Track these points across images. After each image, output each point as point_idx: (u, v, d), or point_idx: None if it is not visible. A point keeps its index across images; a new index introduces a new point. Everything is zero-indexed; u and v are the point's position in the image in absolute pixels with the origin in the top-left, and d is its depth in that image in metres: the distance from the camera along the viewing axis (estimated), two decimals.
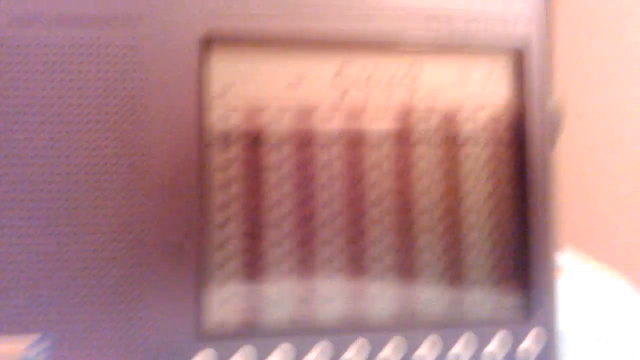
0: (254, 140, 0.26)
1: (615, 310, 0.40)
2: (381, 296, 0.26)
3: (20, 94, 0.24)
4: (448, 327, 0.26)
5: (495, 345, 0.26)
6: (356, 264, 0.26)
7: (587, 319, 0.38)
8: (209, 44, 0.25)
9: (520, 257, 0.27)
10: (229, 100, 0.26)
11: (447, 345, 0.26)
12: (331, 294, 0.26)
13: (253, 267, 0.25)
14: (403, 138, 0.27)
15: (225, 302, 0.25)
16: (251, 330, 0.25)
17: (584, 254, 0.53)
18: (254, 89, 0.26)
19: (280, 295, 0.25)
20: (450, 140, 0.27)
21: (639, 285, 0.46)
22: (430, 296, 0.27)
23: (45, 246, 0.23)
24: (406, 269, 0.26)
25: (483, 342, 0.26)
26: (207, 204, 0.25)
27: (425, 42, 0.27)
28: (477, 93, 0.28)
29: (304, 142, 0.26)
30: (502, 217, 0.28)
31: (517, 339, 0.26)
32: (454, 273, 0.27)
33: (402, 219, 0.27)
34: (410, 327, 0.26)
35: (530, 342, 0.26)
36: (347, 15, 0.27)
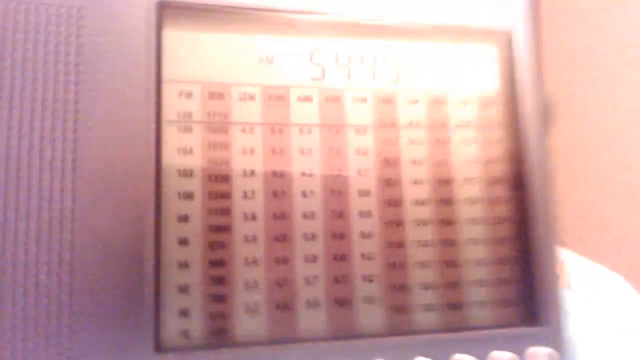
0: (217, 125, 0.23)
1: (621, 311, 0.38)
2: (370, 304, 0.23)
3: None
4: (448, 336, 0.23)
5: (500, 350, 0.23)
6: (340, 270, 0.23)
7: (591, 320, 0.36)
8: (164, 11, 0.22)
9: (521, 258, 0.25)
10: (187, 78, 0.23)
11: (448, 353, 0.23)
12: (313, 305, 0.23)
13: (218, 273, 0.22)
14: (388, 125, 0.25)
15: (185, 313, 0.21)
16: (218, 343, 0.21)
17: (578, 254, 0.51)
18: (217, 67, 0.23)
19: (251, 305, 0.22)
20: (439, 127, 0.25)
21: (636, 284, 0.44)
22: (427, 304, 0.24)
23: None
24: (397, 274, 0.24)
25: (486, 349, 0.23)
26: (162, 199, 0.22)
27: (411, 25, 0.26)
28: (465, 79, 0.26)
29: (276, 130, 0.23)
30: (499, 213, 0.25)
31: (523, 346, 0.24)
32: (452, 279, 0.24)
33: (391, 212, 0.24)
34: (403, 340, 0.23)
35: (537, 349, 0.24)
36: None
